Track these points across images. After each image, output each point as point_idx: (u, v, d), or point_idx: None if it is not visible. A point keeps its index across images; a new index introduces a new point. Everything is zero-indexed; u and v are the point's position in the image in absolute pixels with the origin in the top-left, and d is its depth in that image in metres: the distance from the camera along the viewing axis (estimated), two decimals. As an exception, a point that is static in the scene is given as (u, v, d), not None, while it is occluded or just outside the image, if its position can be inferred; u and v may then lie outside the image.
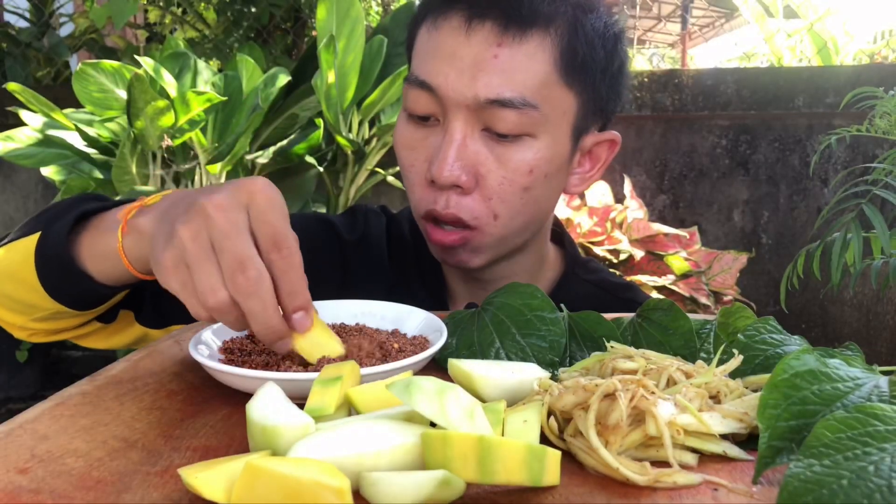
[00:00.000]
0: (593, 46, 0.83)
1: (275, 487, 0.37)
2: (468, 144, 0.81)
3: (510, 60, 0.79)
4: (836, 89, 2.31)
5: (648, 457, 0.45)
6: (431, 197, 0.84)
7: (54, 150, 2.02)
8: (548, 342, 0.63)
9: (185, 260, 0.57)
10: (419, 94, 0.83)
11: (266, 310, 0.56)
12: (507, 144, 0.81)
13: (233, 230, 0.56)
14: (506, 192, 0.83)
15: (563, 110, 0.83)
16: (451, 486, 0.39)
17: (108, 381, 0.59)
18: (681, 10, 3.71)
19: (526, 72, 0.80)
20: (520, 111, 0.79)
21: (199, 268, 0.56)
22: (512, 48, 0.79)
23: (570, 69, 0.82)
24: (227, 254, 0.56)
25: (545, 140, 0.82)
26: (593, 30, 0.83)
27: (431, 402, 0.42)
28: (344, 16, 2.05)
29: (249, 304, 0.56)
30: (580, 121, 0.86)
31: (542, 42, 0.80)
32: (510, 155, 0.82)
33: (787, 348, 0.56)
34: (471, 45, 0.80)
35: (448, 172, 0.80)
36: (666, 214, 2.47)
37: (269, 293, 0.56)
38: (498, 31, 0.79)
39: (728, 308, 0.63)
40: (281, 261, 0.57)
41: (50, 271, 0.74)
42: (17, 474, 0.43)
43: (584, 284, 1.01)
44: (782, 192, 2.40)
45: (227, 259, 0.56)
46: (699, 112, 2.41)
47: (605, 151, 0.93)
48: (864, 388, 0.44)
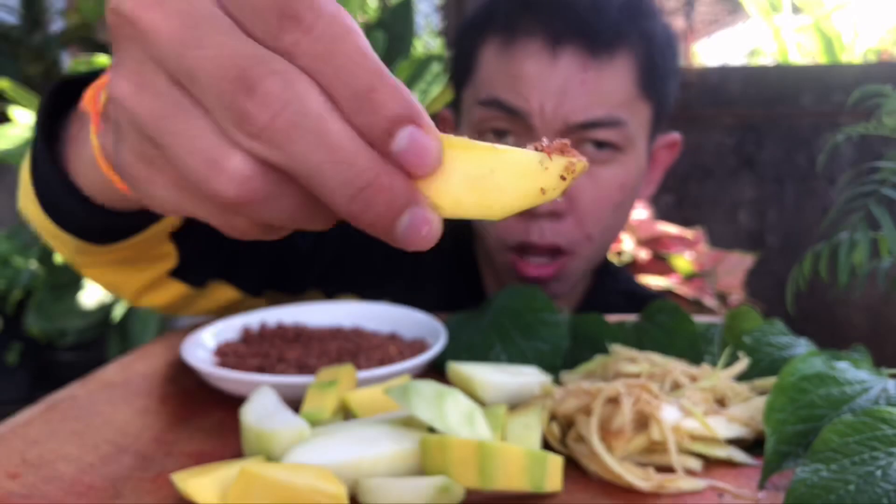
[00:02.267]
0: (664, 55, 0.85)
1: (270, 493, 0.37)
2: None
3: (597, 83, 0.79)
4: (843, 87, 2.30)
5: (652, 462, 0.45)
6: (523, 227, 0.82)
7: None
8: (549, 345, 0.63)
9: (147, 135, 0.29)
10: (502, 118, 0.81)
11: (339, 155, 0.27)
12: (599, 163, 0.81)
13: (189, 29, 0.28)
14: (600, 211, 0.83)
15: (643, 121, 0.84)
16: (450, 492, 0.39)
17: (100, 385, 0.58)
18: (685, 4, 3.71)
19: (612, 92, 0.80)
20: (610, 129, 0.80)
21: (170, 130, 0.28)
22: (598, 70, 0.80)
23: (649, 82, 0.83)
24: (204, 78, 0.27)
25: (632, 154, 0.83)
26: (662, 37, 0.85)
27: (430, 406, 0.42)
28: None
29: (295, 150, 0.27)
30: (653, 129, 0.87)
31: (624, 62, 0.81)
32: (602, 173, 0.82)
33: (794, 351, 0.55)
34: (556, 71, 0.79)
35: None
36: (670, 214, 2.46)
37: (335, 119, 0.27)
38: (583, 56, 0.79)
39: (734, 310, 0.62)
40: (312, 40, 0.27)
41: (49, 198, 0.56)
42: (8, 479, 0.43)
43: (615, 295, 1.00)
44: (789, 192, 2.39)
45: (209, 86, 0.27)
46: (705, 110, 2.40)
47: (666, 154, 0.94)
48: (871, 391, 0.44)
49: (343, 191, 0.27)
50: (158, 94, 0.28)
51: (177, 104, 0.28)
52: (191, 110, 0.28)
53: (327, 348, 0.62)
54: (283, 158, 0.27)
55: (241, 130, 0.27)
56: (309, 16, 0.27)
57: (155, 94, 0.28)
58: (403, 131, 0.27)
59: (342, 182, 0.27)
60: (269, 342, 0.65)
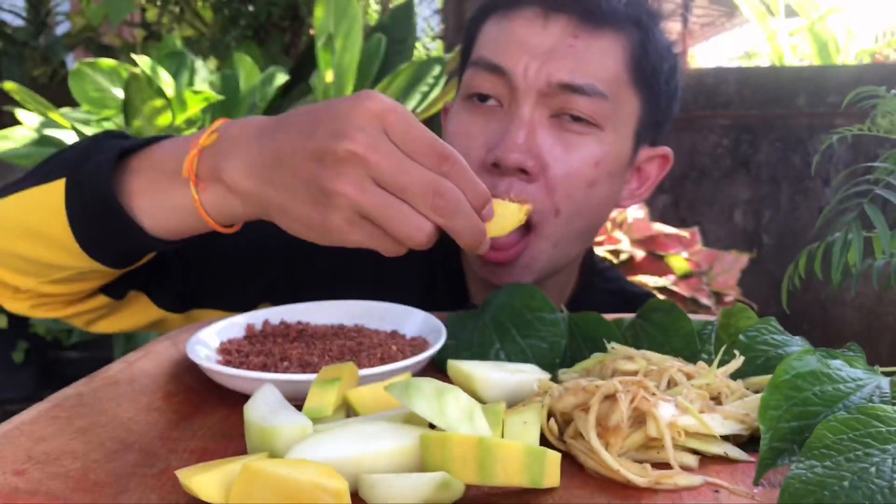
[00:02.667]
0: (661, 57, 0.85)
1: (273, 489, 0.37)
2: (537, 129, 0.80)
3: (585, 51, 0.80)
4: (837, 89, 2.31)
5: (649, 458, 0.45)
6: (491, 182, 0.78)
7: (51, 149, 2.01)
8: (548, 343, 0.63)
9: (364, 213, 0.54)
10: (486, 77, 0.82)
11: (472, 220, 0.56)
12: (575, 133, 0.80)
13: (398, 164, 0.53)
14: (571, 184, 0.80)
15: (629, 112, 0.84)
16: (450, 488, 0.39)
17: (105, 383, 0.58)
18: (682, 8, 3.71)
19: (599, 64, 0.80)
20: (591, 99, 0.79)
21: (391, 214, 0.54)
22: (588, 40, 0.80)
23: (640, 73, 0.83)
24: (412, 189, 0.53)
25: (612, 136, 0.82)
26: (661, 41, 0.86)
27: (430, 403, 0.42)
28: (342, 14, 2.05)
29: (456, 223, 0.55)
30: (641, 128, 0.86)
31: (616, 40, 0.82)
32: (578, 143, 0.80)
33: (789, 349, 0.56)
34: (547, 35, 0.80)
35: (516, 154, 0.77)
36: (667, 214, 2.47)
37: (468, 205, 0.55)
38: (575, 24, 0.81)
39: (730, 309, 0.63)
40: (454, 169, 0.55)
41: (89, 222, 0.65)
42: (14, 476, 0.43)
43: (603, 294, 0.99)
44: (784, 192, 2.40)
45: (415, 193, 0.53)
46: (700, 111, 2.40)
47: (655, 169, 0.92)
48: (865, 389, 0.44)
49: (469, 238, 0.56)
50: (378, 195, 0.54)
51: (390, 201, 0.54)
52: (399, 203, 0.54)
53: (329, 346, 0.63)
54: (448, 224, 0.55)
55: (432, 212, 0.54)
56: (446, 153, 0.55)
57: (375, 194, 0.54)
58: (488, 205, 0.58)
59: (470, 235, 0.56)
60: (272, 340, 0.65)
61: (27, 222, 0.68)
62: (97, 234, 0.66)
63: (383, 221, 0.54)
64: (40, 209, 0.66)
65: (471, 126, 0.83)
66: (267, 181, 0.58)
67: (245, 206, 0.61)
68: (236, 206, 0.61)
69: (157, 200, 0.64)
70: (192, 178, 0.61)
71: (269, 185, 0.58)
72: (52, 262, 0.69)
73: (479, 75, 0.82)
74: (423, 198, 0.53)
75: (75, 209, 0.65)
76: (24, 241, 0.68)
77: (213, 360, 0.60)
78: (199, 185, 0.61)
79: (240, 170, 0.59)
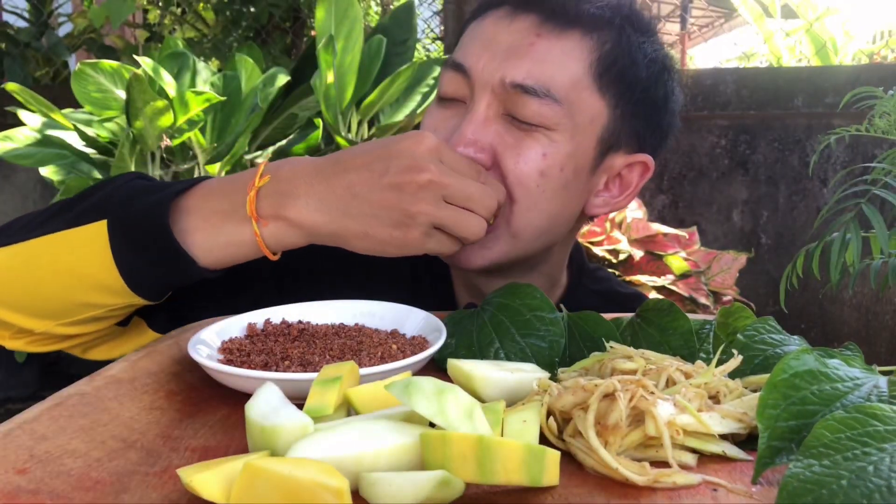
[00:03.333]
0: (636, 63, 0.83)
1: (274, 488, 0.37)
2: (488, 124, 0.81)
3: (546, 51, 0.80)
4: (835, 89, 2.31)
5: (648, 457, 0.45)
6: None
7: (53, 150, 2.01)
8: (547, 342, 0.63)
9: (439, 225, 0.69)
10: (452, 77, 0.84)
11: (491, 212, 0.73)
12: (525, 131, 0.80)
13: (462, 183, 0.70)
14: (522, 173, 0.80)
15: (592, 116, 0.82)
16: (450, 486, 0.39)
17: (107, 382, 0.59)
18: (680, 10, 3.71)
19: (558, 65, 0.80)
20: (541, 101, 0.79)
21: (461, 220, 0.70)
22: (550, 40, 0.80)
23: (606, 77, 0.82)
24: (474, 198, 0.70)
25: (564, 137, 0.81)
26: (639, 48, 0.84)
27: (430, 402, 0.42)
28: (343, 16, 2.05)
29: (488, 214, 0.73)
30: (610, 134, 0.84)
31: (581, 42, 0.81)
32: (526, 141, 0.81)
33: (787, 348, 0.56)
34: (510, 32, 0.81)
35: (464, 146, 0.79)
36: (665, 214, 2.47)
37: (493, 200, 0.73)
38: (539, 22, 0.81)
39: (727, 308, 0.63)
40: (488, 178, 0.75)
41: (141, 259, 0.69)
42: (16, 475, 0.43)
43: (591, 295, 0.99)
44: (782, 192, 2.40)
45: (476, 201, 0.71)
46: (698, 112, 2.41)
47: (636, 177, 0.89)
48: (863, 388, 0.44)
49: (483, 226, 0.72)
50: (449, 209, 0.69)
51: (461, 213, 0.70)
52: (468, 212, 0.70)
53: (330, 345, 0.63)
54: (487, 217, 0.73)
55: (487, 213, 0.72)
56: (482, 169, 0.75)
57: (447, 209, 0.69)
58: None
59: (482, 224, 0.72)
60: (273, 339, 0.65)
61: (64, 263, 0.70)
62: (148, 271, 0.70)
63: (455, 228, 0.70)
64: (79, 249, 0.70)
65: (436, 121, 0.86)
66: (344, 213, 0.69)
67: (309, 237, 0.71)
68: (296, 237, 0.71)
69: (213, 236, 0.71)
70: (253, 216, 0.69)
71: (347, 217, 0.69)
72: (86, 302, 0.72)
73: (446, 75, 0.85)
74: (482, 203, 0.70)
75: (122, 249, 0.69)
76: (56, 283, 0.71)
77: (214, 360, 0.61)
78: (261, 222, 0.70)
79: (310, 206, 0.69)
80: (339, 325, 0.70)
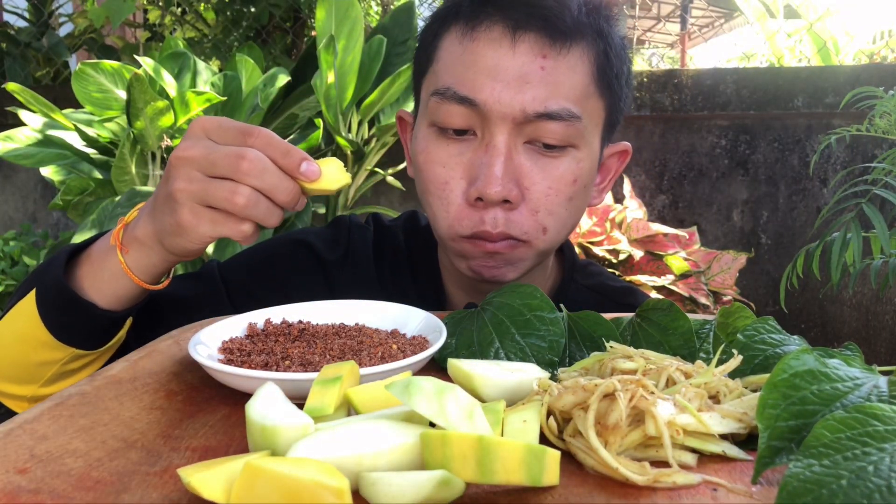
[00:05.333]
0: (620, 58, 0.85)
1: (274, 487, 0.37)
2: (513, 158, 0.80)
3: (555, 72, 0.79)
4: (835, 89, 2.31)
5: (648, 457, 0.45)
6: (477, 216, 0.81)
7: (54, 150, 2.02)
8: (547, 342, 0.63)
9: (198, 201, 0.66)
10: (457, 110, 0.80)
11: (282, 179, 0.65)
12: (551, 156, 0.81)
13: (211, 152, 0.65)
14: (552, 203, 0.82)
15: (597, 120, 0.84)
16: (450, 486, 0.39)
17: (108, 382, 0.59)
18: (680, 10, 3.71)
19: (569, 83, 0.80)
20: (566, 123, 0.79)
21: (213, 191, 0.65)
22: (556, 60, 0.79)
23: (605, 80, 0.83)
24: (220, 164, 0.64)
25: (585, 150, 0.83)
26: (618, 42, 0.85)
27: (431, 402, 0.42)
28: (343, 16, 2.05)
29: (266, 180, 0.64)
30: (605, 131, 0.87)
31: (582, 54, 0.81)
32: (556, 165, 0.81)
33: (787, 348, 0.56)
34: (515, 58, 0.79)
35: (498, 188, 0.78)
36: (665, 214, 2.47)
37: (273, 166, 0.65)
38: (543, 43, 0.79)
39: (727, 308, 0.63)
40: (258, 139, 0.66)
41: (55, 313, 0.75)
42: (17, 474, 0.43)
43: (582, 290, 1.00)
44: (782, 192, 2.40)
45: (224, 166, 0.64)
46: (698, 112, 2.41)
47: (615, 162, 0.94)
48: (863, 388, 0.44)
49: (283, 194, 0.65)
50: (201, 181, 0.65)
51: (210, 182, 0.65)
52: (217, 181, 0.65)
53: (330, 345, 0.63)
54: (260, 184, 0.64)
55: (241, 176, 0.64)
56: (252, 130, 0.66)
57: (198, 181, 0.65)
58: (303, 164, 0.66)
59: (283, 191, 0.65)
60: (273, 339, 0.65)
61: (18, 331, 0.77)
62: (64, 321, 0.75)
63: (212, 199, 0.65)
64: (21, 316, 0.76)
65: (446, 156, 0.83)
66: (152, 218, 0.71)
67: (153, 252, 0.73)
68: (152, 257, 0.73)
69: (98, 278, 0.75)
70: (118, 245, 0.73)
71: (154, 221, 0.71)
72: (40, 360, 0.77)
73: (449, 108, 0.81)
74: (230, 167, 0.64)
75: (43, 310, 0.75)
76: (15, 349, 0.78)
77: (214, 359, 0.61)
78: (124, 250, 0.74)
79: (138, 224, 0.73)
80: (339, 325, 0.70)
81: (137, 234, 0.72)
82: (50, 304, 0.75)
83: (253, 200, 0.64)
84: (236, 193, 0.64)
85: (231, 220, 0.66)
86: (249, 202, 0.64)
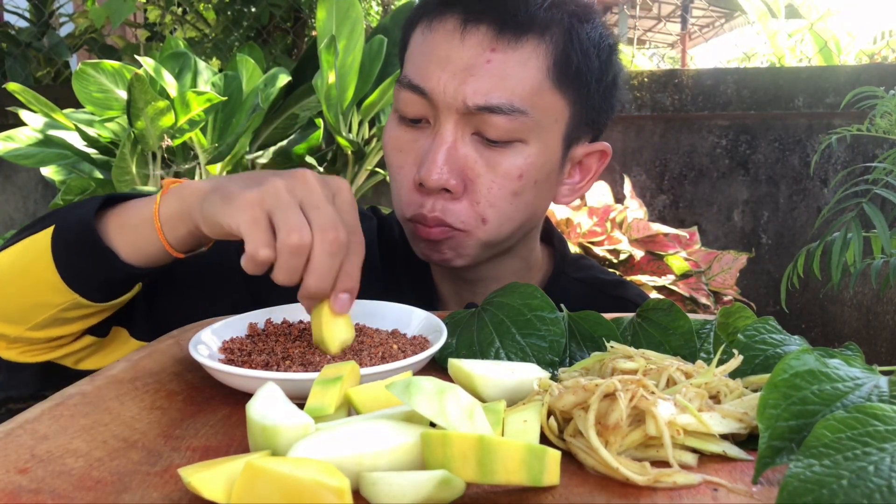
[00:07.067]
0: (588, 55, 0.84)
1: (275, 487, 0.37)
2: (458, 148, 0.81)
3: (503, 66, 0.79)
4: (836, 89, 2.31)
5: (648, 457, 0.45)
6: (419, 200, 0.83)
7: (54, 150, 2.01)
8: (547, 342, 0.63)
9: (271, 203, 0.60)
10: (411, 97, 0.83)
11: (331, 272, 0.60)
12: (497, 149, 0.81)
13: (327, 202, 0.62)
14: (495, 196, 0.82)
15: (555, 117, 0.83)
16: (450, 485, 0.39)
17: (108, 381, 0.59)
18: (681, 10, 3.71)
19: (518, 78, 0.79)
20: (509, 117, 0.79)
21: (289, 211, 0.60)
22: (506, 53, 0.79)
23: (564, 76, 0.82)
24: (321, 214, 0.60)
25: (536, 146, 0.82)
26: (588, 39, 0.84)
27: (431, 402, 0.42)
28: (344, 16, 2.05)
29: (324, 261, 0.59)
30: (572, 129, 0.86)
31: (536, 48, 0.80)
32: (500, 160, 0.81)
33: (787, 348, 0.56)
34: (464, 49, 0.80)
35: (437, 175, 0.80)
36: (666, 214, 2.47)
37: (341, 261, 0.61)
38: (492, 36, 0.79)
39: (728, 308, 0.63)
40: (355, 244, 0.63)
41: (72, 254, 0.73)
42: (17, 474, 0.43)
43: (573, 283, 1.00)
44: (782, 192, 2.40)
45: (321, 217, 0.60)
46: (699, 112, 2.41)
47: (595, 163, 0.93)
48: (863, 388, 0.44)
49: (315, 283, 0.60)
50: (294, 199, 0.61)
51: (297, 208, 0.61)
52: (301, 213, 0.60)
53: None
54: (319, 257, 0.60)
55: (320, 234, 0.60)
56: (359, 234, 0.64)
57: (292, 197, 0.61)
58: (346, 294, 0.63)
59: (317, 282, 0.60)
60: (274, 339, 0.65)
61: (20, 266, 0.75)
62: (80, 267, 0.73)
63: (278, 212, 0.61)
64: (30, 252, 0.74)
65: (402, 142, 0.86)
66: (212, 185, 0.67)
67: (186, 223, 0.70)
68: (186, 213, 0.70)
69: (126, 219, 0.74)
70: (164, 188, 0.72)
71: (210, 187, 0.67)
72: (38, 301, 0.75)
73: (405, 96, 0.83)
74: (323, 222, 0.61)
75: (59, 248, 0.72)
76: (14, 284, 0.75)
77: (215, 359, 0.61)
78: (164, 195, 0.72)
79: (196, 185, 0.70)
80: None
81: (184, 188, 0.71)
82: (70, 243, 0.73)
83: (301, 250, 0.59)
84: (300, 232, 0.59)
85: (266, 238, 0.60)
86: (298, 248, 0.59)
